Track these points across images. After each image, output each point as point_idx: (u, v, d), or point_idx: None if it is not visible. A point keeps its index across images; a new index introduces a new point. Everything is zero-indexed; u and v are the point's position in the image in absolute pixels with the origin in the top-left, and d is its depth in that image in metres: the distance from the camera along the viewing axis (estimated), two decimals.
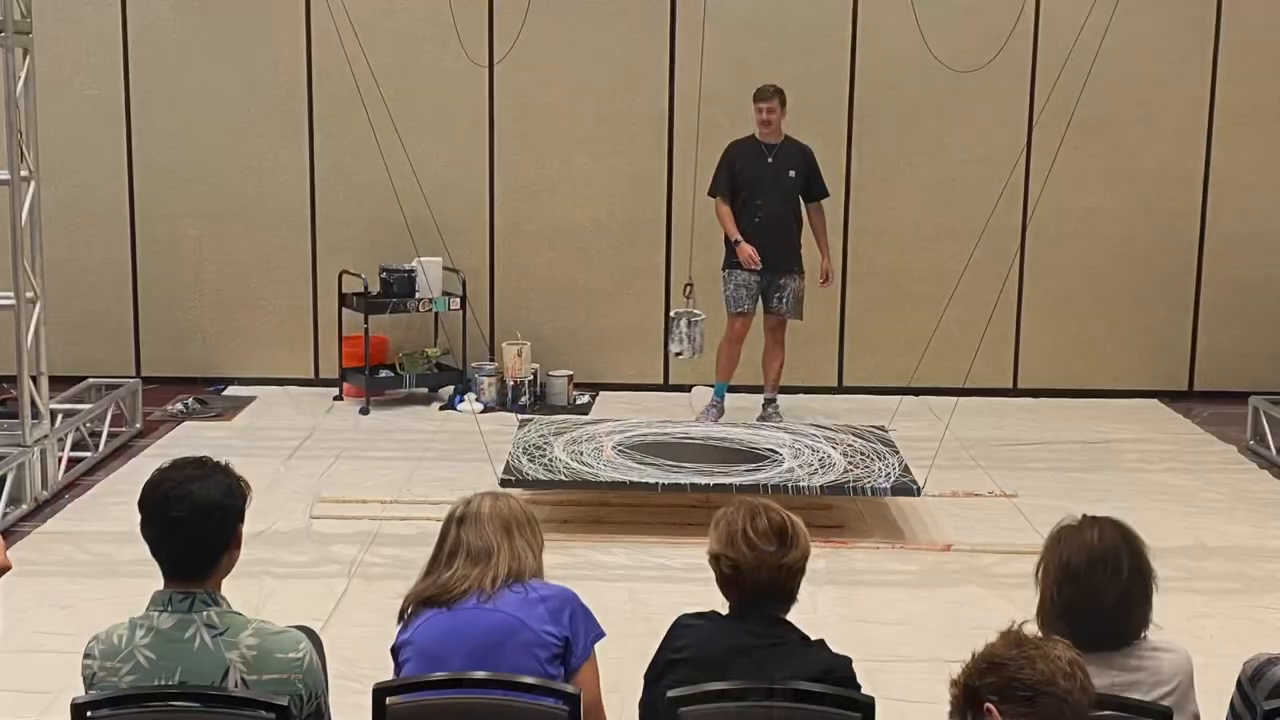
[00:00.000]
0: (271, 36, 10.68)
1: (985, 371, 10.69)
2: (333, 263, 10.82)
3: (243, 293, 11.00)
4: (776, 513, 3.86)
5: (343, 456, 9.05)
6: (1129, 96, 10.69)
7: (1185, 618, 6.36)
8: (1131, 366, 11.09)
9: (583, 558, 7.12)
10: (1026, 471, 8.89)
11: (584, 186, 10.87)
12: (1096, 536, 3.61)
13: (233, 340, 11.07)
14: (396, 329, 11.00)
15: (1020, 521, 7.84)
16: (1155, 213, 10.90)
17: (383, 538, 7.46)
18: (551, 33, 10.62)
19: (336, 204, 10.89)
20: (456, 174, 10.82)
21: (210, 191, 10.85)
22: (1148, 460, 9.22)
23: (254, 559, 6.80)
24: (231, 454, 4.08)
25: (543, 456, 7.97)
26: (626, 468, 7.79)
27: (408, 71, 10.64)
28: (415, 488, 8.37)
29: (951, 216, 10.73)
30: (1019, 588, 6.54)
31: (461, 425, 9.78)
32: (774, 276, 9.68)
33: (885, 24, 10.59)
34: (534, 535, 4.14)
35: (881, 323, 10.99)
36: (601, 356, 11.08)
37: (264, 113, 10.77)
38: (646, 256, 10.94)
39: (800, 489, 7.47)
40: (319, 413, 10.26)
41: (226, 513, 3.59)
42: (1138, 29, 10.50)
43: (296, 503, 8.01)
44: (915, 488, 7.59)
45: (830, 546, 7.27)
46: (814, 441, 8.36)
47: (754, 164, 9.62)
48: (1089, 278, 10.96)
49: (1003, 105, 10.70)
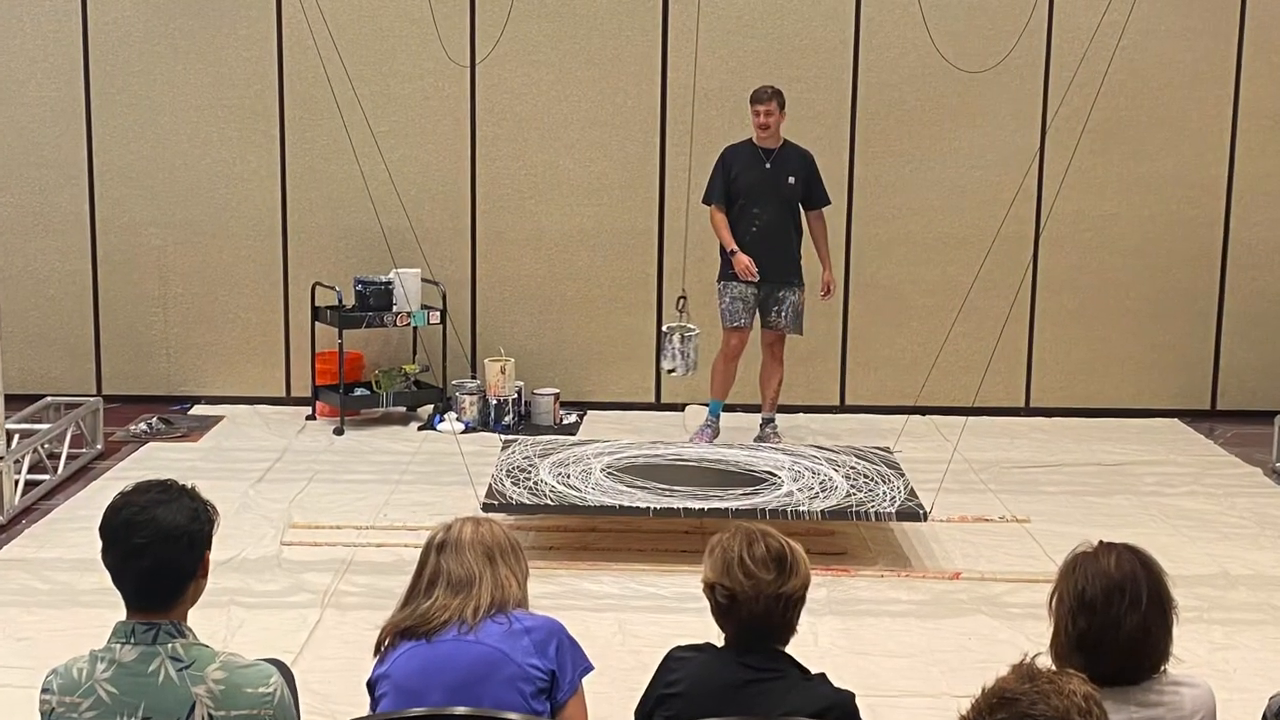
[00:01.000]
0: (240, 34, 10.68)
1: (995, 389, 10.73)
2: (305, 274, 10.83)
3: (210, 306, 11.00)
4: (775, 539, 3.87)
5: (316, 479, 9.04)
6: (1148, 97, 10.72)
7: (1207, 650, 6.37)
8: (1150, 384, 11.11)
9: (570, 587, 7.13)
10: (1039, 495, 8.90)
11: (571, 193, 10.88)
12: (1113, 564, 3.62)
13: (199, 356, 11.07)
14: (372, 344, 11.00)
15: (1032, 548, 7.84)
16: (1176, 220, 10.91)
17: (358, 565, 7.45)
18: (537, 30, 10.65)
19: (309, 212, 10.90)
20: (436, 180, 10.84)
21: (175, 198, 10.85)
22: (1167, 483, 9.22)
23: (222, 588, 6.82)
24: (198, 477, 4.10)
25: (527, 479, 7.97)
26: (616, 491, 7.79)
27: (384, 71, 10.66)
28: (392, 512, 8.37)
29: (960, 225, 10.76)
30: (1031, 618, 6.61)
31: (441, 446, 9.78)
32: (772, 289, 9.69)
33: (890, 22, 10.62)
34: (518, 563, 4.14)
35: (886, 338, 11.01)
36: (590, 373, 11.09)
37: (232, 115, 10.78)
38: (637, 267, 10.95)
39: (800, 514, 7.48)
40: (290, 433, 10.25)
41: (192, 539, 3.59)
42: (1157, 26, 10.55)
43: (266, 528, 8.00)
44: (922, 512, 7.59)
45: (831, 574, 7.28)
46: (814, 463, 8.36)
47: (751, 170, 9.63)
48: (1106, 289, 10.98)
49: (1014, 107, 10.72)
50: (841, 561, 7.57)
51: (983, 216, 10.47)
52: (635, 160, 10.83)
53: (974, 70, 10.19)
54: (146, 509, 3.56)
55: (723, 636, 3.92)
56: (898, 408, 10.56)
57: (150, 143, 10.80)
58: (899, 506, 7.61)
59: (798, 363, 10.55)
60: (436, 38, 10.14)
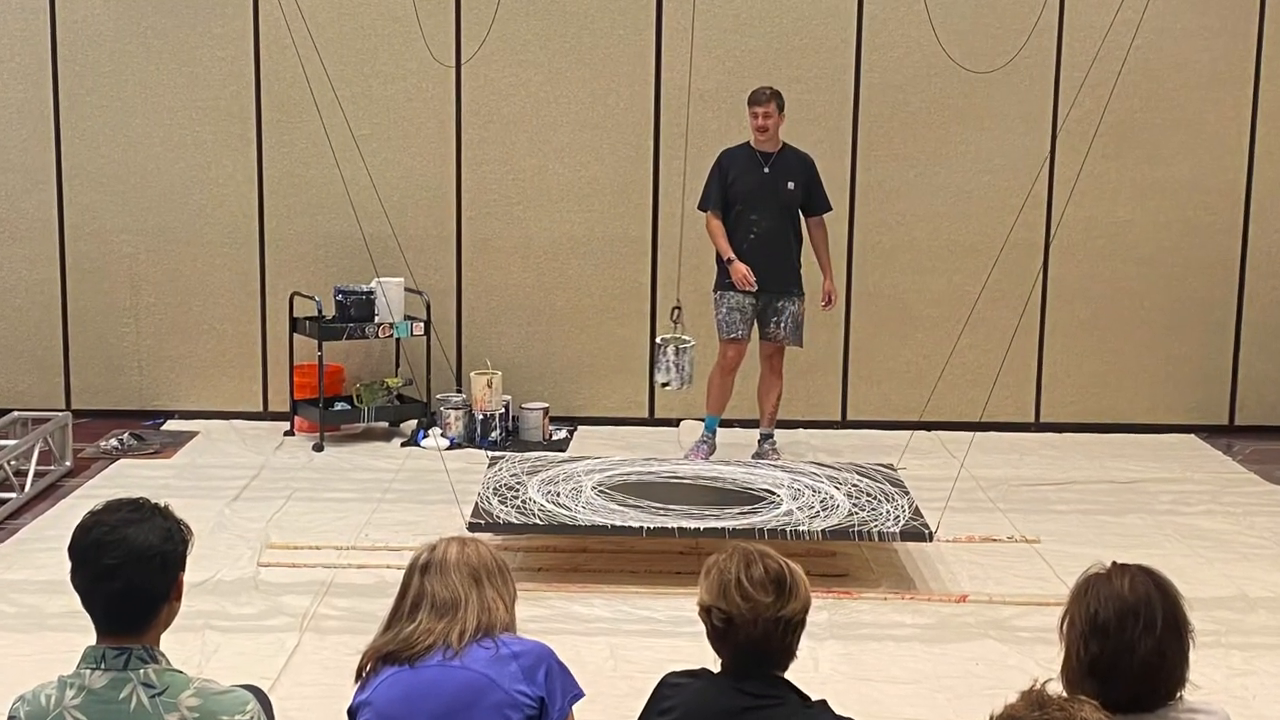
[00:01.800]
0: (215, 32, 10.68)
1: (1004, 404, 10.74)
2: (283, 284, 10.84)
3: (183, 317, 11.00)
4: (774, 560, 3.87)
5: (294, 498, 9.04)
6: (1163, 99, 10.74)
7: (1225, 676, 6.37)
8: (1166, 398, 11.11)
9: (559, 610, 7.13)
10: (1050, 514, 8.91)
11: (561, 199, 10.89)
12: (1127, 586, 3.62)
13: (172, 369, 11.06)
14: (353, 357, 11.01)
15: (1043, 570, 7.85)
16: (1192, 227, 10.92)
17: (338, 588, 7.44)
18: (525, 29, 10.66)
19: (287, 219, 10.90)
20: (420, 185, 10.84)
21: (148, 204, 10.85)
22: (1184, 502, 9.24)
23: (196, 611, 6.81)
24: (171, 495, 4.10)
25: (515, 498, 7.97)
26: (608, 510, 7.79)
27: (366, 72, 10.67)
28: (374, 532, 8.36)
29: (967, 232, 10.78)
30: (1041, 643, 6.61)
31: (425, 463, 9.78)
32: (771, 299, 9.71)
33: (893, 20, 10.64)
34: (505, 585, 4.14)
35: (889, 350, 11.02)
36: (580, 387, 11.09)
37: (207, 117, 10.78)
38: (630, 276, 10.96)
39: (800, 534, 7.48)
40: (268, 449, 10.26)
41: (165, 560, 3.59)
42: (1172, 24, 10.57)
43: (243, 549, 7.99)
44: (927, 532, 7.60)
45: (833, 597, 7.28)
46: (815, 481, 8.37)
47: (749, 174, 9.64)
48: (1119, 299, 10.99)
49: (1023, 109, 10.74)
50: (843, 583, 7.57)
51: (990, 223, 10.49)
52: (628, 164, 10.84)
53: (981, 70, 10.21)
54: (117, 529, 3.56)
55: (719, 662, 3.91)
56: (902, 423, 10.57)
57: (121, 146, 10.80)
58: (903, 526, 7.61)
59: (797, 376, 10.56)
60: (420, 36, 10.15)
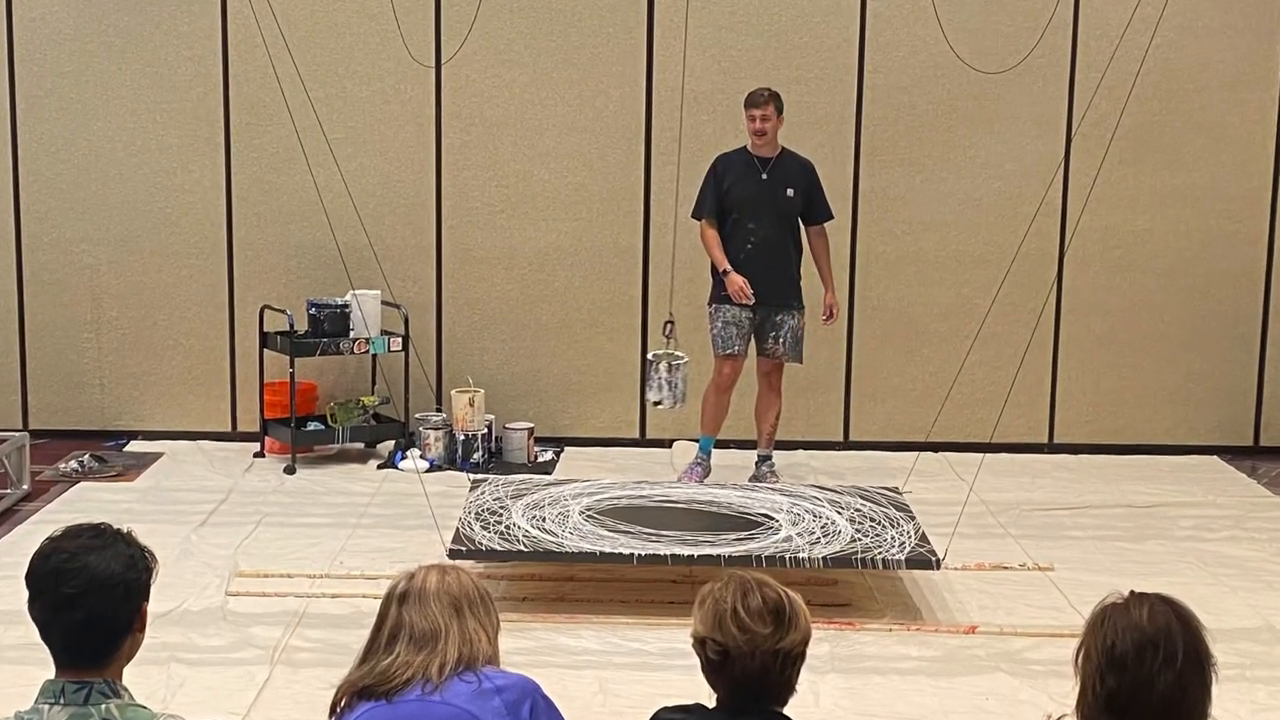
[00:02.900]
0: (181, 30, 10.69)
1: (1016, 424, 10.75)
2: (253, 296, 10.83)
3: (148, 331, 11.00)
4: (772, 589, 3.88)
5: (264, 523, 9.04)
6: (1184, 101, 10.77)
7: (1250, 711, 6.39)
8: (1187, 417, 11.13)
9: (545, 641, 7.13)
10: (1064, 541, 8.92)
11: (547, 207, 10.90)
12: (1146, 617, 3.62)
13: (136, 387, 11.06)
14: (327, 374, 11.02)
15: (1056, 599, 7.86)
16: (1215, 236, 10.94)
17: (311, 618, 7.44)
18: (509, 27, 10.67)
19: (257, 228, 10.90)
20: (397, 192, 10.85)
21: (109, 213, 10.85)
22: (1206, 527, 9.25)
23: (161, 643, 6.80)
24: (134, 520, 4.10)
25: (498, 523, 7.97)
26: (596, 536, 7.79)
27: (340, 72, 10.68)
28: (349, 560, 8.36)
29: (976, 242, 10.80)
30: (1055, 676, 6.62)
31: (403, 486, 9.78)
32: (769, 312, 9.72)
33: (899, 17, 10.66)
34: (488, 615, 4.15)
35: (894, 367, 11.04)
36: (567, 406, 11.10)
37: (172, 120, 10.78)
38: (620, 289, 10.97)
39: (800, 561, 7.49)
40: (237, 472, 10.25)
41: (128, 589, 3.58)
42: (1193, 22, 10.59)
43: (210, 577, 7.99)
44: (934, 560, 7.61)
45: (835, 628, 7.29)
46: (816, 505, 8.38)
47: (746, 181, 9.66)
48: (1137, 313, 11.01)
49: (1036, 112, 10.76)
50: (845, 614, 7.57)
51: (1001, 232, 10.51)
52: (618, 170, 10.86)
53: (992, 71, 10.23)
54: (77, 556, 3.56)
55: (714, 697, 3.92)
56: (907, 444, 10.58)
57: (82, 151, 10.80)
58: (909, 553, 7.62)
59: (797, 394, 10.57)
60: (398, 35, 10.16)
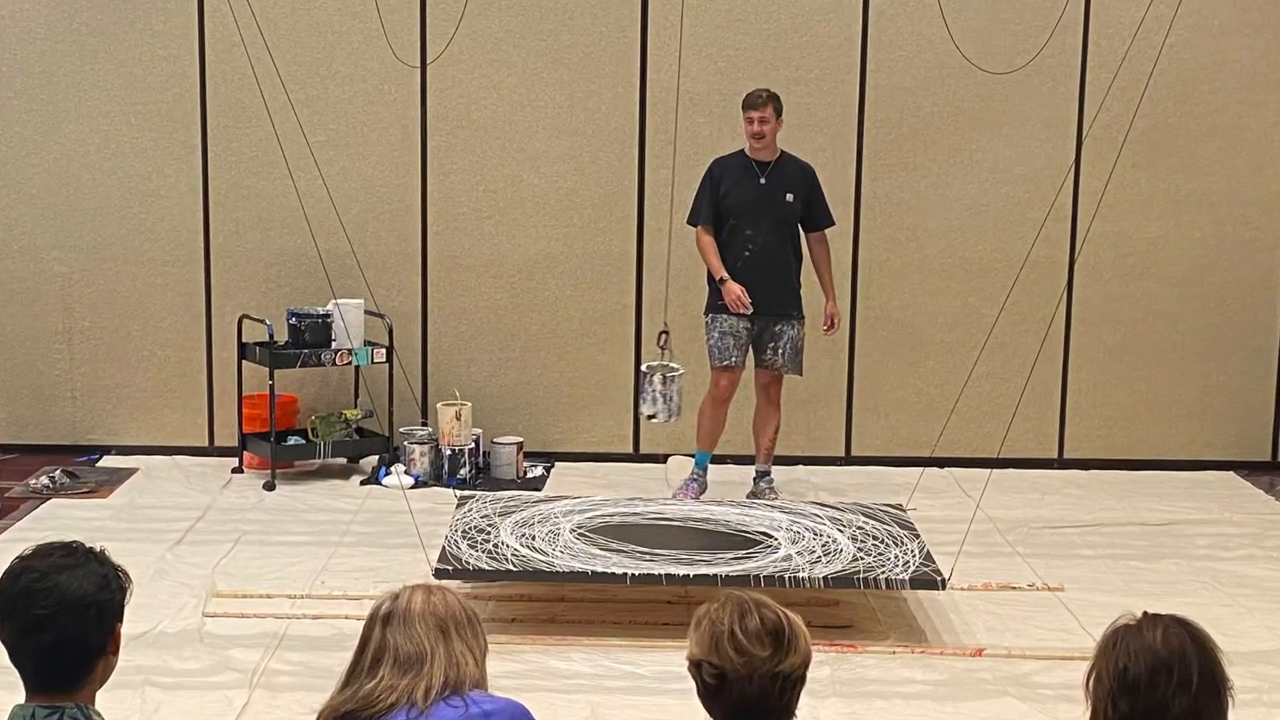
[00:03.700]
0: (156, 29, 10.69)
1: (1024, 438, 10.76)
2: (231, 306, 10.83)
3: (121, 342, 10.99)
4: (771, 610, 3.88)
5: (243, 541, 9.04)
6: (1198, 103, 10.79)
7: None
8: (1203, 431, 11.14)
9: (535, 664, 7.13)
10: (1074, 560, 8.93)
11: (537, 212, 10.91)
12: (1160, 639, 3.63)
13: (109, 400, 11.06)
14: (308, 386, 11.02)
15: (1067, 620, 7.87)
16: (1231, 243, 10.96)
17: (291, 640, 7.44)
18: (497, 25, 10.68)
19: (235, 234, 10.90)
20: (381, 197, 10.86)
21: (81, 219, 10.85)
22: (1222, 546, 9.26)
23: (135, 665, 6.81)
24: (108, 538, 4.10)
25: (486, 541, 7.97)
26: (588, 555, 7.79)
27: (322, 73, 10.69)
28: (331, 580, 8.36)
29: (983, 249, 10.81)
30: (1065, 701, 6.63)
31: (387, 503, 9.78)
32: (768, 322, 9.73)
33: (902, 15, 10.68)
34: (475, 637, 4.15)
35: (898, 379, 11.05)
36: (558, 420, 11.10)
37: (147, 122, 10.78)
38: (613, 298, 10.97)
39: (800, 581, 7.49)
40: (214, 488, 10.24)
41: (101, 610, 3.58)
42: (1209, 20, 10.60)
43: (187, 597, 7.99)
44: (939, 579, 7.61)
45: (836, 650, 7.30)
46: (816, 523, 8.38)
47: (743, 185, 9.67)
48: (1150, 323, 11.02)
49: (1046, 114, 10.78)
50: (847, 636, 7.58)
51: (1009, 239, 10.52)
52: (611, 175, 10.86)
53: (999, 71, 10.24)
54: (48, 575, 3.56)
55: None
56: (912, 459, 10.58)
57: (52, 155, 10.79)
58: (913, 573, 7.63)
59: (797, 407, 10.58)
60: (382, 34, 10.15)
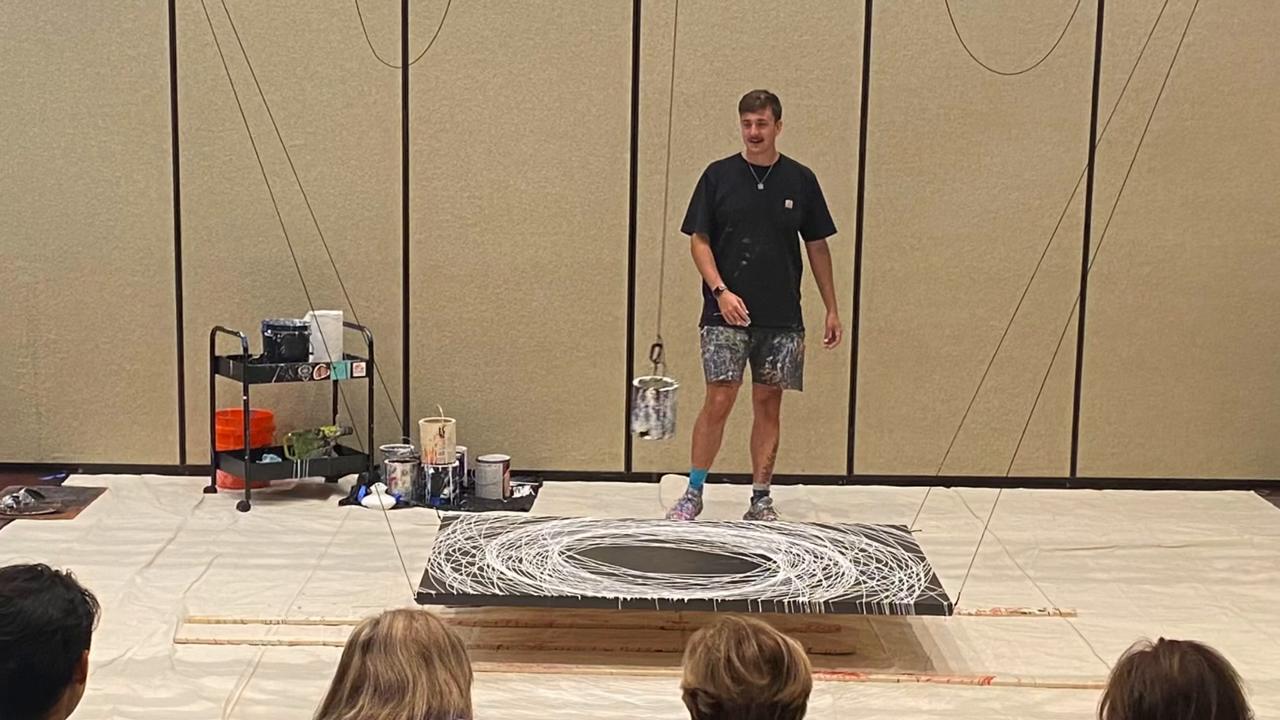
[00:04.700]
0: (125, 27, 10.68)
1: (1035, 456, 10.77)
2: (203, 317, 10.83)
3: (89, 356, 10.99)
4: (769, 636, 3.88)
5: (216, 564, 9.03)
6: (1218, 104, 10.79)
7: None
8: (1222, 449, 11.15)
9: (522, 693, 7.14)
10: (1087, 584, 8.93)
11: (524, 220, 10.91)
12: (1177, 667, 3.63)
13: (76, 417, 11.05)
14: (285, 402, 11.01)
15: (1079, 647, 7.87)
16: (1252, 252, 10.96)
17: (266, 668, 7.43)
18: (482, 24, 10.68)
19: (208, 242, 10.89)
20: (361, 204, 10.86)
21: (47, 226, 10.84)
22: (1242, 569, 9.27)
23: (103, 694, 6.80)
24: (74, 561, 4.10)
25: (471, 564, 7.97)
26: (578, 579, 7.80)
27: (299, 73, 10.69)
28: (308, 604, 8.36)
29: (992, 258, 10.82)
30: None
31: (367, 524, 9.79)
32: (766, 335, 9.74)
33: (907, 13, 10.68)
34: (460, 665, 4.15)
35: (902, 394, 11.05)
36: (546, 437, 11.10)
37: (116, 125, 10.78)
38: (604, 309, 10.98)
39: (799, 606, 7.50)
40: (186, 509, 10.24)
41: (67, 636, 3.58)
42: (1229, 18, 10.60)
43: (157, 623, 7.98)
44: (946, 604, 7.62)
45: (838, 679, 7.30)
46: (817, 545, 8.38)
47: (740, 191, 9.67)
48: (1167, 336, 11.02)
49: (1057, 116, 10.78)
50: (849, 663, 7.58)
51: (1019, 248, 10.53)
52: (601, 180, 10.87)
53: (1009, 71, 10.25)
54: (12, 600, 3.56)
55: None
56: (917, 478, 10.59)
57: (16, 159, 10.79)
58: (919, 597, 7.63)
59: (796, 424, 10.58)
60: (361, 32, 10.16)
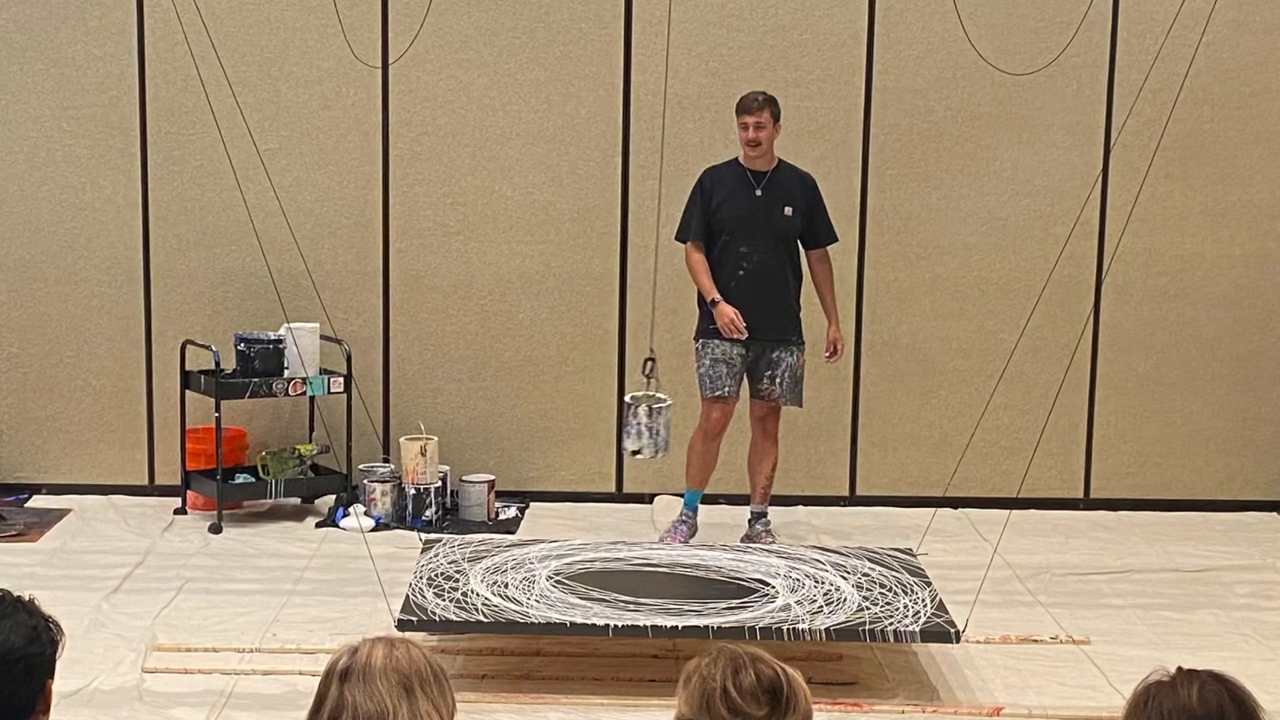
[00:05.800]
0: (90, 25, 10.69)
1: (1047, 476, 10.77)
2: (173, 330, 10.83)
3: (52, 371, 10.98)
4: (767, 665, 3.89)
5: (187, 589, 9.03)
6: (1238, 106, 10.81)
7: None
8: (1243, 469, 11.16)
9: None
10: (1102, 610, 8.94)
11: (510, 228, 10.91)
12: (1195, 697, 3.64)
13: (39, 434, 11.04)
14: (259, 419, 11.01)
15: (1093, 677, 7.87)
16: (1275, 262, 10.98)
17: (239, 699, 7.43)
18: (466, 22, 10.69)
19: (178, 251, 10.89)
20: (339, 211, 10.86)
21: (8, 235, 10.84)
22: (1264, 594, 9.28)
23: None
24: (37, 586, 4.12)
25: (454, 590, 7.98)
26: (566, 605, 7.80)
27: (273, 74, 10.69)
28: (283, 631, 8.35)
29: (1002, 268, 10.84)
30: None
31: (345, 547, 9.79)
32: (764, 349, 9.74)
33: (912, 11, 10.70)
34: (442, 695, 4.15)
35: (907, 411, 11.06)
36: (533, 456, 11.10)
37: (81, 129, 10.77)
38: (594, 321, 10.98)
39: (799, 633, 7.51)
40: (154, 531, 10.23)
41: (30, 665, 3.59)
42: (1249, 16, 10.63)
43: (124, 651, 7.96)
44: (953, 631, 7.62)
45: (839, 709, 7.30)
46: (818, 569, 8.39)
47: (737, 198, 9.69)
48: (1185, 349, 11.03)
49: (1070, 119, 10.80)
50: (852, 693, 7.58)
51: (1030, 257, 10.54)
52: (591, 186, 10.88)
53: (1019, 72, 10.26)
54: None
55: None
56: (922, 499, 10.59)
57: None
58: (924, 624, 7.63)
59: (796, 442, 10.59)
60: (339, 31, 10.16)
